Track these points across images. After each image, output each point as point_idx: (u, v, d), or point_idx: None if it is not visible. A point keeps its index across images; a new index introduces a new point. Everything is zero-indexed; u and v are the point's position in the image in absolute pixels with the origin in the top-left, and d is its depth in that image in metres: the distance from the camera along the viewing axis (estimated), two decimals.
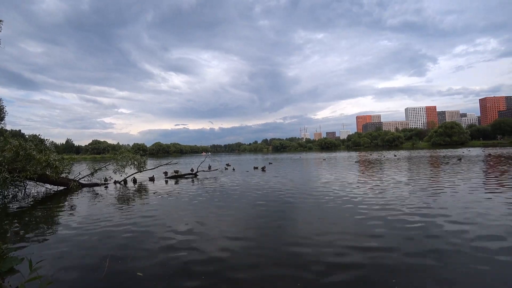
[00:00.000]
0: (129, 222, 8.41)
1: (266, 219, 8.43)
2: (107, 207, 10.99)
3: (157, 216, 9.10)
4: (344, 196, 11.34)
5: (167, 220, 8.62)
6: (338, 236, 6.52)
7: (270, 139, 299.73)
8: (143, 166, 21.36)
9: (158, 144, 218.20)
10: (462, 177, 15.77)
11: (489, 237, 6.03)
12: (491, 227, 6.65)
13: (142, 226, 7.97)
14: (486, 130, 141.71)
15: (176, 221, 8.37)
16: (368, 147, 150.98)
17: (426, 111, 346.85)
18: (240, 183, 17.30)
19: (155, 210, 10.06)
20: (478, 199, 9.87)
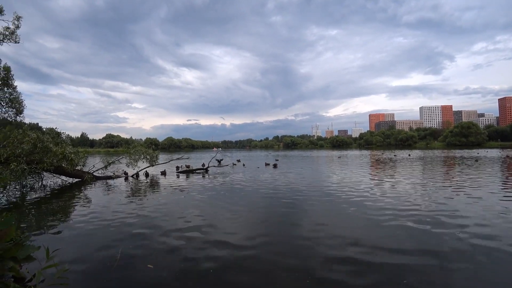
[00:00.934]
0: (141, 215, 8.58)
1: (277, 216, 8.44)
2: (120, 199, 11.23)
3: (168, 210, 9.25)
4: (356, 196, 11.22)
5: (177, 214, 8.74)
6: (349, 235, 6.46)
7: (281, 136, 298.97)
8: (155, 160, 21.66)
9: (170, 139, 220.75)
10: (478, 180, 15.29)
11: (501, 241, 5.88)
12: (505, 232, 6.48)
13: (154, 219, 8.11)
14: (505, 131, 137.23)
15: (187, 216, 8.48)
16: (381, 146, 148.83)
17: (441, 110, 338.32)
18: (250, 179, 17.37)
19: (166, 204, 10.23)
20: (494, 203, 9.52)
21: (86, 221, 8.04)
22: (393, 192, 11.85)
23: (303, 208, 9.41)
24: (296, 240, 6.18)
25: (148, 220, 7.97)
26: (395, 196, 10.84)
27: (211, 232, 6.78)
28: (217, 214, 8.65)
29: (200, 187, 14.42)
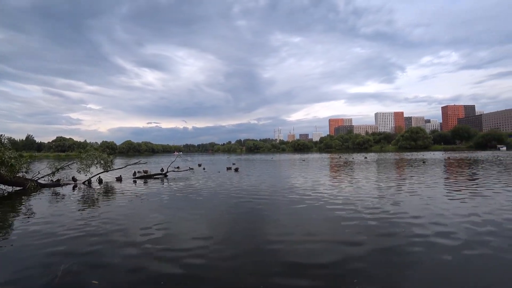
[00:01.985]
0: (91, 226, 7.90)
1: (238, 220, 8.30)
2: (67, 209, 10.29)
3: (122, 219, 8.63)
4: (315, 197, 11.43)
5: (132, 223, 8.19)
6: (309, 236, 6.53)
7: (244, 140, 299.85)
8: (110, 165, 20.41)
9: (128, 142, 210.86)
10: (425, 179, 16.80)
11: (447, 234, 6.26)
12: (449, 225, 6.93)
13: (106, 229, 7.50)
14: (447, 136, 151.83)
15: (142, 225, 7.96)
16: (340, 149, 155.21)
17: (394, 116, 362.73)
18: (211, 183, 16.99)
19: (121, 213, 9.55)
20: (439, 199, 10.62)
21: (26, 236, 7.19)
22: (351, 193, 12.23)
23: (265, 211, 9.33)
24: (258, 244, 6.08)
25: (99, 231, 7.34)
26: (352, 197, 11.18)
27: (168, 241, 6.41)
28: (176, 222, 8.24)
29: (158, 193, 13.79)
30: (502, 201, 10.14)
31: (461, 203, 9.99)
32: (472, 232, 6.73)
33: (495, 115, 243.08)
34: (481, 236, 6.40)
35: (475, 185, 14.25)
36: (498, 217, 7.96)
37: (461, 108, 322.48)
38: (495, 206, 9.42)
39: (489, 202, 10.14)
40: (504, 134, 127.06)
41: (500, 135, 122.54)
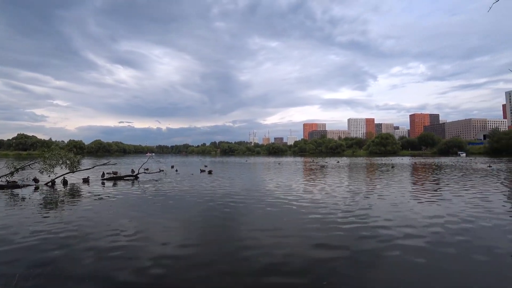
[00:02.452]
0: (51, 231, 7.35)
1: (210, 224, 8.13)
2: (26, 214, 9.57)
3: (87, 224, 8.12)
4: (289, 201, 11.44)
5: (98, 228, 7.72)
6: (282, 239, 6.47)
7: (219, 142, 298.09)
8: (76, 166, 19.36)
9: (98, 142, 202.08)
10: (394, 183, 17.47)
11: (414, 235, 6.45)
12: (417, 227, 7.15)
13: (68, 236, 7.00)
14: (414, 142, 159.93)
15: (110, 229, 7.54)
16: (313, 154, 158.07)
17: (365, 122, 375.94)
18: (183, 186, 16.58)
19: (86, 217, 9.00)
20: (407, 202, 11.13)
21: None
22: (324, 196, 12.36)
23: (238, 215, 9.21)
24: (231, 249, 5.94)
25: (61, 238, 6.84)
26: (325, 201, 11.29)
27: (136, 248, 6.08)
28: (145, 226, 7.85)
29: (128, 196, 13.22)
30: (463, 203, 10.75)
31: (427, 206, 10.43)
32: (438, 233, 7.02)
33: (456, 124, 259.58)
34: (446, 237, 6.66)
35: (439, 188, 15.00)
36: (461, 219, 8.34)
37: (427, 116, 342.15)
38: (457, 208, 9.92)
39: (452, 204, 10.71)
40: (464, 142, 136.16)
41: (460, 143, 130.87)
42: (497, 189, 14.93)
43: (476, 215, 8.97)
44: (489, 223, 8.10)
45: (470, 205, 10.57)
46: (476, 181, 18.69)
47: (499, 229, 7.51)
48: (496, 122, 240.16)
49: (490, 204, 10.75)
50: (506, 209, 10.03)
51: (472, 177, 21.01)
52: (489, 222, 8.14)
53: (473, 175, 22.60)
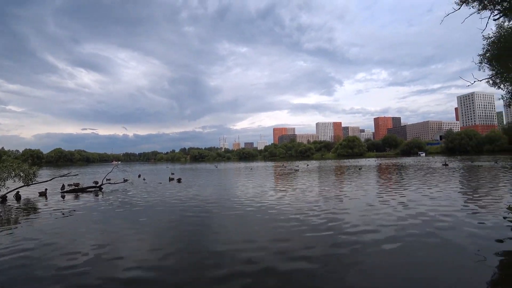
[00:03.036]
0: (4, 253, 6.57)
1: (180, 235, 7.77)
2: None
3: (43, 243, 7.37)
4: (260, 207, 11.33)
5: (56, 247, 7.04)
6: (253, 246, 6.36)
7: (189, 148, 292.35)
8: (32, 178, 17.85)
9: (58, 150, 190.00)
10: (363, 184, 18.16)
11: (380, 235, 6.55)
12: (383, 227, 7.29)
13: (20, 256, 6.28)
14: (379, 144, 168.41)
15: (70, 247, 6.90)
16: (284, 158, 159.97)
17: (333, 126, 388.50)
18: (151, 196, 15.85)
19: (42, 235, 8.19)
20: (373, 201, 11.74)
21: None
22: (295, 201, 12.37)
23: (209, 224, 8.93)
24: (202, 263, 5.62)
25: (14, 260, 6.11)
26: (296, 205, 11.26)
27: (99, 269, 5.55)
28: (110, 242, 7.27)
29: (91, 209, 12.36)
30: (427, 201, 11.24)
31: (396, 206, 10.74)
32: (402, 229, 7.25)
33: (416, 126, 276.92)
34: (416, 236, 6.83)
35: (405, 188, 15.60)
36: (428, 217, 8.64)
37: (390, 119, 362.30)
38: (423, 206, 10.31)
39: (416, 202, 11.18)
40: (423, 143, 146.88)
41: (420, 143, 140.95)
42: (454, 185, 15.90)
43: (438, 212, 9.39)
44: (450, 218, 8.46)
45: (433, 203, 11.07)
46: (436, 179, 19.82)
47: (459, 224, 7.86)
48: (450, 124, 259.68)
49: (450, 201, 11.33)
50: (463, 204, 10.67)
51: (432, 176, 22.23)
52: (451, 218, 8.52)
53: (433, 174, 23.91)
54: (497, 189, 14.54)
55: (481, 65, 12.15)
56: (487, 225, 7.78)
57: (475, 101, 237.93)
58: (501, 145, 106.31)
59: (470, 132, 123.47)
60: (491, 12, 11.36)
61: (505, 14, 11.01)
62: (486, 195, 12.66)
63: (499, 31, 11.30)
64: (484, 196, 12.55)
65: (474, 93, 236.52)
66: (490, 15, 11.42)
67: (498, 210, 9.49)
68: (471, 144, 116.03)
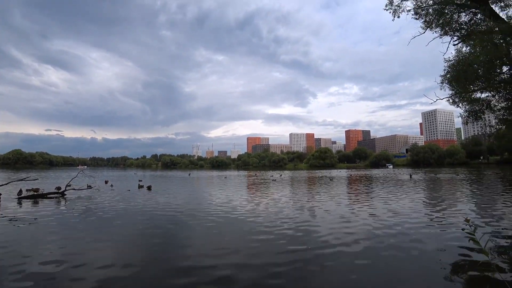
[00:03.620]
0: None
1: (147, 245, 7.50)
2: None
3: (2, 252, 6.84)
4: (232, 217, 11.26)
5: (12, 256, 6.54)
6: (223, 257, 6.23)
7: (160, 155, 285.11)
8: None
9: (17, 152, 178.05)
10: (333, 194, 18.76)
11: (350, 248, 6.73)
12: (354, 240, 7.49)
13: None
14: (349, 156, 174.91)
15: (32, 256, 6.43)
16: (257, 167, 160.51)
17: (306, 137, 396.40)
18: (119, 204, 15.19)
19: None
20: (344, 212, 12.03)
21: None
22: (267, 211, 12.38)
23: (179, 235, 8.72)
24: (168, 273, 5.42)
25: None
26: (269, 215, 11.27)
27: (58, 279, 5.21)
28: (76, 253, 6.84)
29: (51, 217, 11.59)
30: (394, 213, 11.64)
31: (363, 214, 11.16)
32: (376, 239, 7.50)
33: (384, 139, 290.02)
34: (376, 246, 7.07)
35: (372, 198, 16.21)
36: (394, 230, 8.99)
37: (360, 132, 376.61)
38: (389, 218, 10.69)
39: (384, 214, 11.55)
40: (391, 155, 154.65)
41: (388, 156, 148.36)
42: (419, 197, 16.70)
43: (405, 222, 9.80)
44: (415, 231, 8.85)
45: (400, 215, 11.49)
46: (402, 190, 20.71)
47: (423, 236, 8.23)
48: (415, 138, 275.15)
49: (415, 213, 11.83)
50: (427, 216, 11.17)
51: (399, 187, 23.22)
52: (416, 230, 8.91)
53: (400, 186, 24.98)
54: (457, 200, 15.53)
55: (442, 85, 12.95)
56: (448, 237, 8.17)
57: (437, 118, 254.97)
58: (460, 158, 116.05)
59: (433, 146, 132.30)
60: (451, 37, 12.51)
61: (463, 41, 12.06)
62: (448, 207, 13.40)
63: (458, 55, 12.24)
64: (446, 208, 13.26)
65: (436, 110, 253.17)
66: (451, 40, 12.56)
67: (459, 223, 10.01)
68: (433, 157, 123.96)
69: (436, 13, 12.37)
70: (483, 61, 10.47)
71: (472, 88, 12.23)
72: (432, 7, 12.42)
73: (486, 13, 10.87)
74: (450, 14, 12.27)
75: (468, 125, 23.90)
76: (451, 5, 11.96)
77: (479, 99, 12.75)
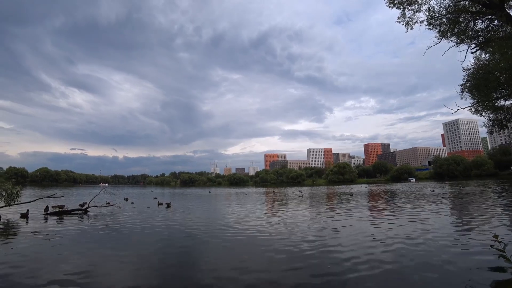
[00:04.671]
0: None
1: (167, 263, 7.55)
2: None
3: (27, 266, 7.12)
4: (251, 234, 11.22)
5: (36, 273, 6.74)
6: (243, 275, 6.19)
7: (179, 172, 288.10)
8: (14, 198, 17.33)
9: (44, 170, 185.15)
10: (355, 211, 18.07)
11: (374, 268, 6.49)
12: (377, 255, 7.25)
13: (2, 282, 6.02)
14: (369, 170, 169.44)
15: (55, 271, 6.66)
16: (275, 184, 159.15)
17: (324, 152, 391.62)
18: (139, 221, 15.47)
19: (25, 258, 7.92)
20: (366, 230, 11.46)
21: None
22: (288, 228, 12.28)
23: (198, 252, 8.79)
24: None
25: None
26: (289, 233, 11.19)
27: None
28: (97, 268, 7.04)
29: (75, 233, 11.98)
30: (424, 226, 11.24)
31: (387, 232, 10.78)
32: (401, 258, 7.20)
33: (405, 152, 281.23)
34: (402, 264, 6.81)
35: (396, 214, 15.62)
36: (421, 243, 8.67)
37: (379, 146, 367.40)
38: (416, 236, 10.27)
39: (412, 228, 11.18)
40: (413, 168, 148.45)
41: (410, 169, 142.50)
42: (446, 213, 16.01)
43: (432, 239, 9.40)
44: (443, 249, 8.47)
45: (427, 232, 11.06)
46: (428, 206, 19.87)
47: (451, 255, 7.86)
48: (437, 150, 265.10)
49: (442, 230, 11.36)
50: (455, 233, 10.70)
51: (424, 202, 22.34)
52: (443, 249, 8.52)
53: (426, 200, 24.00)
54: (486, 215, 14.72)
55: (463, 94, 12.65)
56: (477, 255, 7.72)
57: (460, 128, 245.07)
58: (488, 169, 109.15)
59: (457, 158, 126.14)
60: (468, 45, 12.24)
61: (482, 48, 11.82)
62: (477, 222, 12.72)
63: (477, 63, 11.99)
64: (474, 223, 12.61)
65: (458, 120, 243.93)
66: (468, 48, 12.27)
67: (487, 240, 9.45)
68: (458, 169, 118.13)
69: (450, 22, 12.22)
70: (504, 67, 10.18)
71: (494, 95, 11.86)
72: (446, 16, 12.28)
73: (503, 19, 10.65)
74: (465, 22, 12.10)
75: (494, 134, 22.98)
76: (465, 13, 11.81)
77: (503, 107, 12.33)
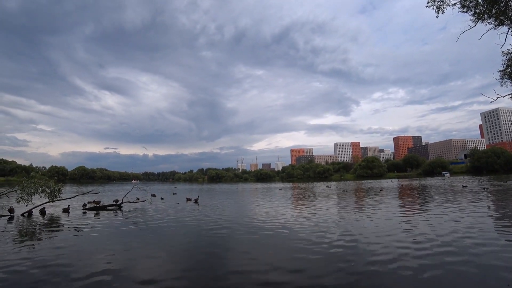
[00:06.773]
0: (25, 267, 6.81)
1: (197, 256, 7.76)
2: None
3: (64, 259, 7.57)
4: (281, 228, 11.27)
5: (76, 263, 7.20)
6: (271, 269, 6.25)
7: (206, 169, 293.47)
8: (56, 194, 18.53)
9: (82, 168, 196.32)
10: (384, 207, 17.50)
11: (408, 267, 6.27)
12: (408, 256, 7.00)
13: (44, 272, 6.47)
14: (399, 164, 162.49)
15: (88, 265, 7.03)
16: (301, 179, 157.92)
17: (351, 146, 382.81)
18: (169, 216, 16.00)
19: (63, 251, 8.43)
20: (396, 227, 11.00)
21: None
22: (315, 225, 12.18)
23: (226, 246, 8.93)
24: (218, 283, 5.56)
25: (34, 275, 6.32)
26: (316, 229, 11.10)
27: (120, 283, 5.64)
28: (128, 261, 7.37)
29: (110, 227, 12.62)
30: (457, 225, 10.71)
31: (418, 229, 10.38)
32: (432, 258, 6.91)
33: (438, 145, 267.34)
34: (440, 258, 6.53)
35: (430, 210, 15.02)
36: (453, 241, 8.30)
37: (410, 138, 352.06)
38: (450, 230, 9.86)
39: (444, 226, 10.67)
40: (447, 162, 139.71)
41: (444, 163, 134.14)
42: (481, 208, 15.15)
43: (466, 237, 8.98)
44: (478, 244, 8.07)
45: (460, 228, 10.60)
46: (462, 201, 18.95)
47: (489, 250, 7.47)
48: (474, 141, 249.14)
49: (477, 225, 10.82)
50: (492, 228, 10.15)
51: (458, 198, 21.28)
52: (478, 243, 8.12)
53: (459, 196, 22.82)
54: None
55: (503, 80, 11.75)
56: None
57: (500, 117, 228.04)
58: None
59: (498, 150, 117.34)
60: (509, 27, 11.18)
61: None
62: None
63: None
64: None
65: (498, 109, 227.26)
66: (508, 30, 11.20)
67: None
68: (499, 163, 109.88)
69: (487, 3, 11.25)
70: None
71: None
72: None
73: None
74: (504, 1, 11.10)
75: None
76: None
77: None
